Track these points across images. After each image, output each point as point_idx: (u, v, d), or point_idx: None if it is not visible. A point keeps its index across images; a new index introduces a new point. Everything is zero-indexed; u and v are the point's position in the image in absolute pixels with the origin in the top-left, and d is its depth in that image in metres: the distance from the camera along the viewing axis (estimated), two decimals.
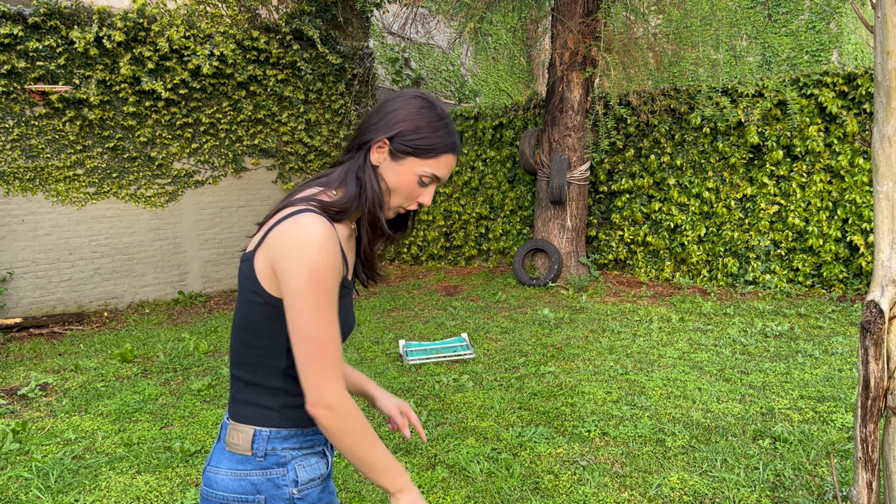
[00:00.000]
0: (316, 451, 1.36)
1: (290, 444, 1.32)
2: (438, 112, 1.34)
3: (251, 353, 1.32)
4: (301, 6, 8.88)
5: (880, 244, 1.93)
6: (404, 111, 1.32)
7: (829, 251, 6.85)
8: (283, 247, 1.21)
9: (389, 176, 1.32)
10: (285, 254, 1.20)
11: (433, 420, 3.90)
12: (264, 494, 1.29)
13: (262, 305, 1.28)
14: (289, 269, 1.20)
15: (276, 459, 1.30)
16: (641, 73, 7.73)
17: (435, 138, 1.31)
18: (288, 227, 1.22)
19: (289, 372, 1.31)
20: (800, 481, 3.00)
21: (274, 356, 1.30)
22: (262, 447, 1.30)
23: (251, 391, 1.33)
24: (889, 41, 1.87)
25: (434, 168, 1.32)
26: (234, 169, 8.73)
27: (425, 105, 1.33)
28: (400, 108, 1.32)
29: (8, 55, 6.73)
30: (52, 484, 3.25)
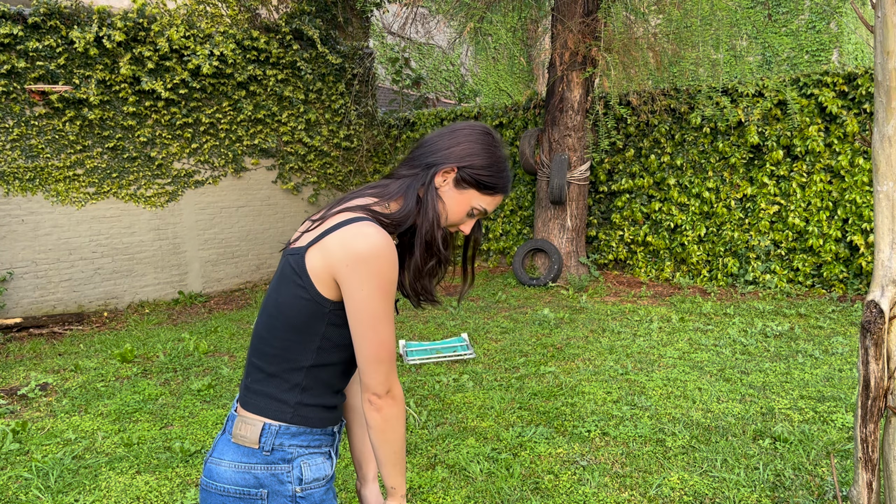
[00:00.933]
0: (323, 452, 1.37)
1: (299, 441, 1.32)
2: (503, 153, 1.44)
3: (279, 345, 1.33)
4: (301, 6, 8.88)
5: (880, 244, 1.93)
6: (478, 145, 1.40)
7: (830, 251, 6.85)
8: (350, 254, 1.25)
9: (448, 201, 1.40)
10: (353, 262, 1.25)
11: (433, 420, 3.90)
12: (267, 489, 1.29)
13: (308, 302, 1.29)
14: (357, 277, 1.25)
15: (282, 455, 1.30)
16: (641, 73, 7.73)
17: (498, 178, 1.41)
18: (353, 235, 1.26)
19: (311, 370, 1.33)
20: (800, 481, 3.00)
21: (302, 352, 1.32)
22: (270, 441, 1.30)
23: (269, 383, 1.34)
24: (889, 41, 1.87)
25: (488, 204, 1.42)
26: (234, 169, 8.73)
27: (495, 144, 1.43)
28: (473, 141, 1.40)
29: (8, 55, 6.73)
30: (52, 484, 3.25)
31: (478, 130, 1.42)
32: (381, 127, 10.28)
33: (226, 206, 8.74)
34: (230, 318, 7.07)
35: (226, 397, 4.44)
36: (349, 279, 1.25)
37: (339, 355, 1.35)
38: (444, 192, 1.39)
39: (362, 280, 1.24)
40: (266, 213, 9.18)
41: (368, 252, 1.24)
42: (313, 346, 1.31)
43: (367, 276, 1.24)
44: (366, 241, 1.24)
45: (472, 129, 1.42)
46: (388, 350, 1.29)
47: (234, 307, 7.85)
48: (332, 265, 1.26)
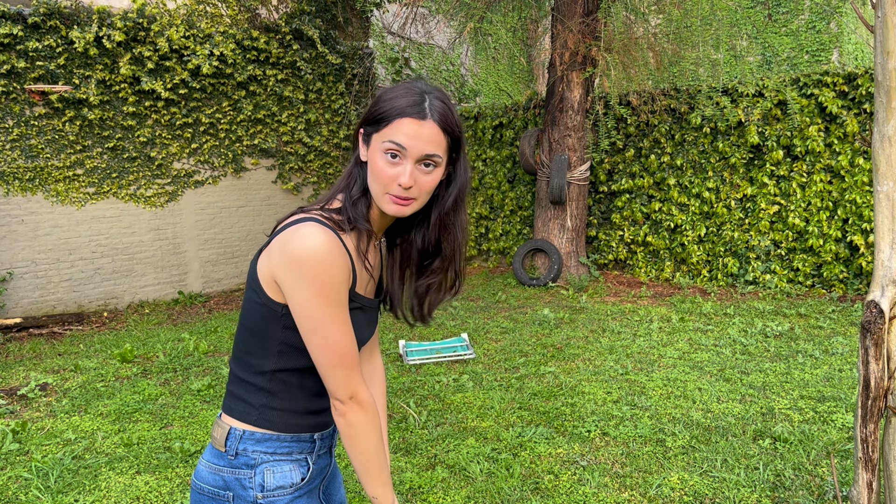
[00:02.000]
0: (294, 459, 1.34)
1: (263, 447, 1.31)
2: (403, 84, 1.26)
3: (243, 349, 1.33)
4: (301, 6, 8.88)
5: (880, 244, 1.93)
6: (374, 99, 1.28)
7: (830, 251, 6.85)
8: (284, 257, 1.19)
9: (369, 166, 1.25)
10: (287, 265, 1.19)
11: (433, 420, 3.90)
12: (232, 492, 1.30)
13: (260, 305, 1.28)
14: (293, 282, 1.19)
15: (245, 460, 1.30)
16: (641, 73, 7.73)
17: (387, 104, 1.22)
18: (288, 237, 1.20)
19: (275, 374, 1.31)
20: (800, 481, 3.00)
21: (262, 356, 1.31)
22: (234, 446, 1.30)
23: (239, 385, 1.34)
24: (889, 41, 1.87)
25: (391, 135, 1.20)
26: (234, 169, 8.73)
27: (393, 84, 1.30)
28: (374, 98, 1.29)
29: (8, 55, 6.73)
30: (52, 484, 3.25)
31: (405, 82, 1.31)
32: None
33: (226, 206, 8.74)
34: (230, 318, 7.07)
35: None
36: (287, 283, 1.20)
37: (304, 360, 1.31)
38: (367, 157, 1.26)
39: (297, 284, 1.18)
40: (266, 213, 9.18)
41: (303, 253, 1.17)
42: (273, 350, 1.29)
43: (304, 280, 1.17)
44: (301, 242, 1.17)
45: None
46: (340, 354, 1.22)
47: (233, 307, 7.84)
48: (273, 268, 1.22)
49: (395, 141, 1.21)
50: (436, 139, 1.23)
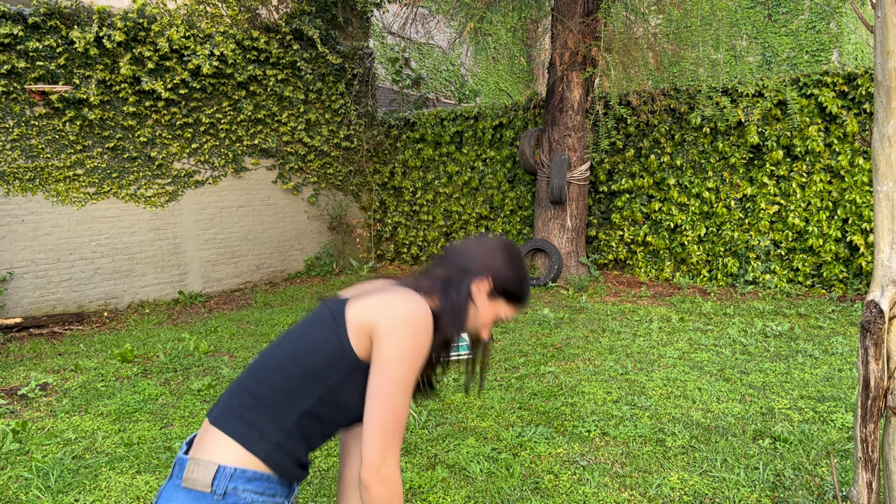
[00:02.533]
0: (278, 498, 1.34)
1: (253, 486, 1.29)
2: (526, 268, 1.60)
3: (283, 381, 1.33)
4: (301, 6, 8.88)
5: (880, 244, 1.93)
6: (508, 259, 1.53)
7: (829, 251, 6.85)
8: (395, 312, 1.31)
9: (480, 308, 1.50)
10: (396, 320, 1.29)
11: (433, 420, 3.90)
12: None
13: (335, 348, 1.31)
14: (396, 335, 1.28)
15: (234, 499, 1.26)
16: (641, 73, 7.73)
17: (524, 290, 1.55)
18: (402, 299, 1.33)
19: (303, 417, 1.32)
20: (800, 481, 3.00)
21: (303, 395, 1.32)
22: (224, 485, 1.26)
23: (259, 411, 1.32)
24: (889, 41, 1.87)
25: (511, 314, 1.55)
26: (235, 169, 8.73)
27: (520, 258, 1.59)
28: (505, 255, 1.53)
29: (8, 55, 6.73)
30: (52, 484, 3.25)
31: (505, 244, 1.56)
32: (381, 127, 10.29)
33: (226, 206, 8.74)
34: (230, 318, 7.08)
35: None
36: (387, 336, 1.28)
37: (332, 413, 1.34)
38: (478, 299, 1.49)
39: (400, 339, 1.28)
40: (266, 213, 9.18)
41: (414, 316, 1.30)
42: (316, 393, 1.31)
43: (405, 337, 1.28)
44: (413, 306, 1.32)
45: (499, 243, 1.56)
46: (394, 421, 1.27)
47: (234, 307, 7.85)
48: (373, 320, 1.31)
49: (509, 318, 1.59)
50: None
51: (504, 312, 1.54)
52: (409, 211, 10.21)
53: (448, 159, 9.75)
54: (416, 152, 10.01)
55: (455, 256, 1.53)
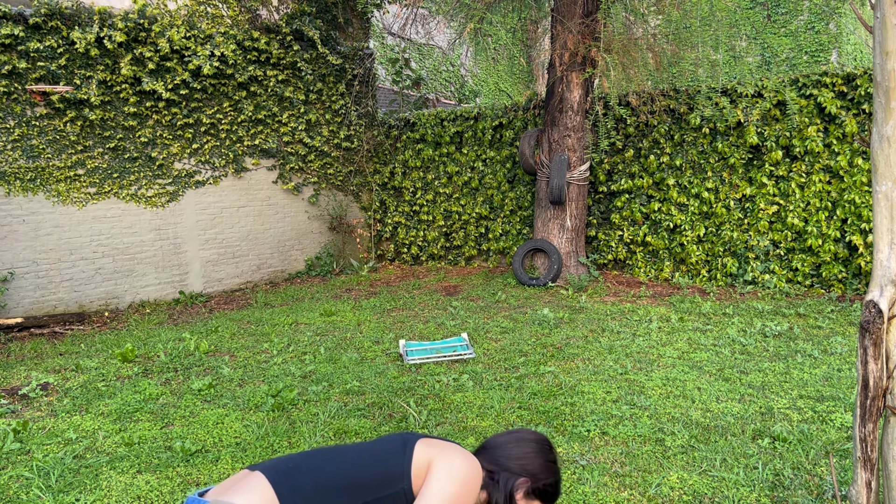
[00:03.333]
0: None
1: None
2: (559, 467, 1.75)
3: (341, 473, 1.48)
4: (301, 7, 8.89)
5: (879, 244, 1.94)
6: (548, 462, 1.69)
7: (829, 251, 6.86)
8: (458, 459, 1.50)
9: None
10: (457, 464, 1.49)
11: (433, 420, 3.91)
12: None
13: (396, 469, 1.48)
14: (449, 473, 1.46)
15: None
16: (641, 74, 7.74)
17: (558, 491, 1.71)
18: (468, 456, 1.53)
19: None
20: (799, 481, 3.01)
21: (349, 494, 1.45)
22: None
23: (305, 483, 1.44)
24: (888, 41, 1.88)
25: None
26: (235, 169, 8.74)
27: (556, 458, 1.74)
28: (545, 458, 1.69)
29: (9, 56, 6.74)
30: (53, 483, 3.26)
31: (545, 444, 1.72)
32: (381, 127, 10.29)
33: (226, 207, 8.75)
34: (231, 318, 7.08)
35: (226, 397, 4.45)
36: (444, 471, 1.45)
37: None
38: (517, 498, 1.64)
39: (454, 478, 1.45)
40: (267, 213, 9.19)
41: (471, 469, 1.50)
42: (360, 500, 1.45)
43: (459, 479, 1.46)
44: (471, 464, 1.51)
45: (539, 442, 1.72)
46: None
47: (234, 307, 7.85)
48: (436, 457, 1.49)
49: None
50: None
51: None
52: (410, 211, 10.22)
53: (448, 159, 9.75)
54: (417, 153, 10.02)
55: (499, 450, 1.70)
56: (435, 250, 9.97)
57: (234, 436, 3.78)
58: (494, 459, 1.69)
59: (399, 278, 9.16)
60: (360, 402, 4.27)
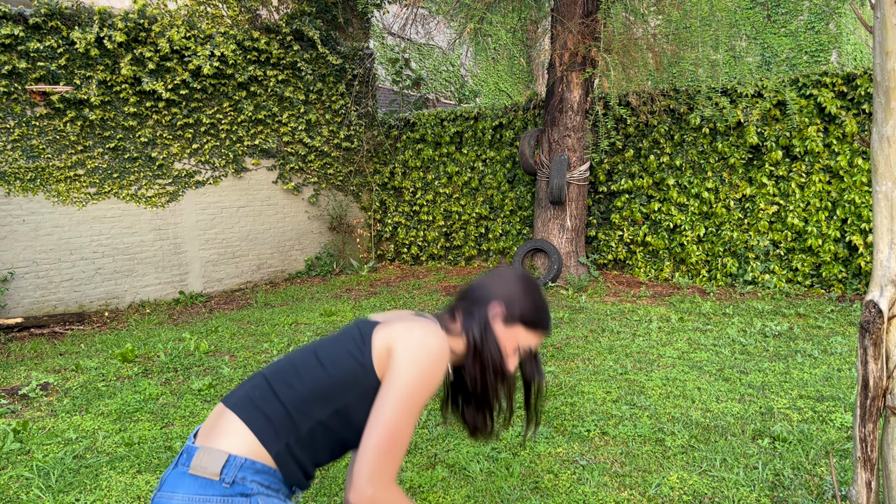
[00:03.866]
0: (280, 498, 1.36)
1: (260, 479, 1.31)
2: (544, 295, 1.59)
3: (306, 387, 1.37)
4: (301, 7, 8.89)
5: (879, 244, 1.94)
6: (521, 287, 1.54)
7: (828, 251, 6.86)
8: (415, 339, 1.36)
9: (498, 336, 1.51)
10: (413, 345, 1.35)
11: (433, 419, 3.91)
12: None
13: (357, 366, 1.38)
14: (407, 359, 1.33)
15: (241, 489, 1.28)
16: (641, 74, 7.74)
17: (541, 315, 1.54)
18: (425, 328, 1.38)
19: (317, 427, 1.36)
20: (799, 481, 3.01)
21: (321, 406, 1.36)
22: (232, 474, 1.28)
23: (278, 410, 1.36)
24: (888, 41, 1.88)
25: (533, 341, 1.54)
26: (235, 169, 8.74)
27: (536, 286, 1.59)
28: (516, 284, 1.54)
29: (9, 56, 6.74)
30: (53, 483, 3.26)
31: (519, 274, 1.58)
32: (381, 127, 10.29)
33: (226, 207, 8.75)
34: (231, 318, 7.08)
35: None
36: (402, 359, 1.33)
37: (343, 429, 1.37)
38: (495, 327, 1.51)
39: (410, 362, 1.32)
40: (267, 213, 9.19)
41: (431, 345, 1.35)
42: (332, 406, 1.36)
43: (419, 362, 1.32)
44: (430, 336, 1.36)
45: (513, 273, 1.59)
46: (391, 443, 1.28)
47: (234, 307, 7.86)
48: (394, 341, 1.36)
49: (532, 348, 1.57)
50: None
51: (525, 340, 1.53)
52: (409, 211, 10.22)
53: (448, 160, 9.76)
54: (417, 153, 10.02)
55: (472, 290, 1.58)
56: (435, 250, 9.97)
57: None
58: (468, 297, 1.57)
59: (399, 278, 9.16)
60: None
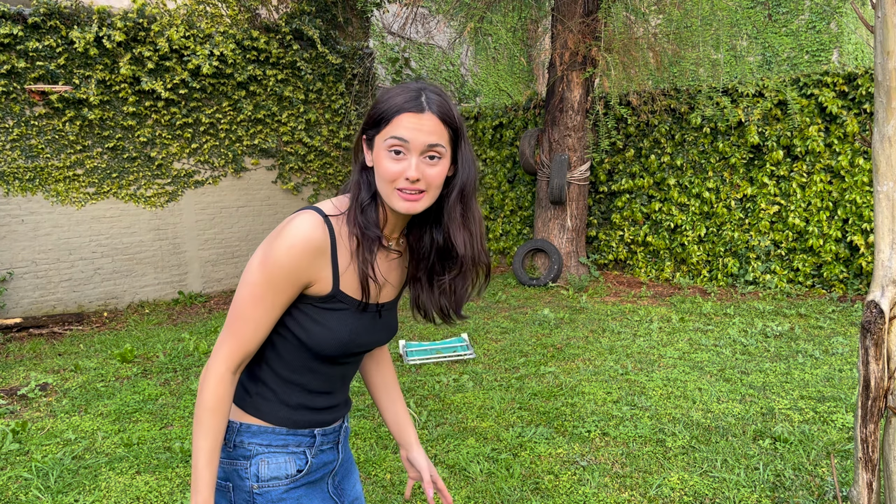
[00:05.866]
0: (290, 452, 1.35)
1: (259, 440, 1.33)
2: (399, 85, 1.27)
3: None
4: (301, 6, 8.88)
5: (880, 244, 1.93)
6: (372, 103, 1.29)
7: (830, 251, 6.85)
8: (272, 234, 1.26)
9: (375, 167, 1.26)
10: (265, 240, 1.26)
11: (433, 420, 3.90)
12: (231, 482, 1.33)
13: None
14: (258, 250, 1.25)
15: (242, 452, 1.33)
16: (641, 73, 7.73)
17: (384, 104, 1.24)
18: (283, 224, 1.25)
19: (268, 363, 1.33)
20: (800, 481, 3.00)
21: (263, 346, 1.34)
22: (232, 438, 1.34)
23: (244, 373, 1.37)
24: (889, 41, 1.87)
25: (393, 132, 1.21)
26: (234, 169, 8.73)
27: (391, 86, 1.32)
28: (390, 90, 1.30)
29: (8, 55, 6.73)
30: (52, 484, 3.25)
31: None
32: None
33: (226, 206, 8.74)
34: None
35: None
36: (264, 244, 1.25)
37: (295, 354, 1.31)
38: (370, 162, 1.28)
39: (259, 251, 1.23)
40: (266, 213, 9.18)
41: (280, 229, 1.22)
42: (268, 339, 1.32)
43: (263, 249, 1.22)
44: (286, 226, 1.22)
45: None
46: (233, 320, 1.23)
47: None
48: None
49: (398, 136, 1.21)
50: (437, 130, 1.23)
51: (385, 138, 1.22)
52: None
53: None
54: None
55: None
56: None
57: None
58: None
59: None
60: (359, 402, 4.26)
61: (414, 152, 1.22)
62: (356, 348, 1.34)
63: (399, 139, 1.21)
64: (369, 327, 1.36)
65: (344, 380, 1.43)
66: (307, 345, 1.29)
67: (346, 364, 1.40)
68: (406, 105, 1.22)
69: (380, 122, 1.24)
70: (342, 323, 1.30)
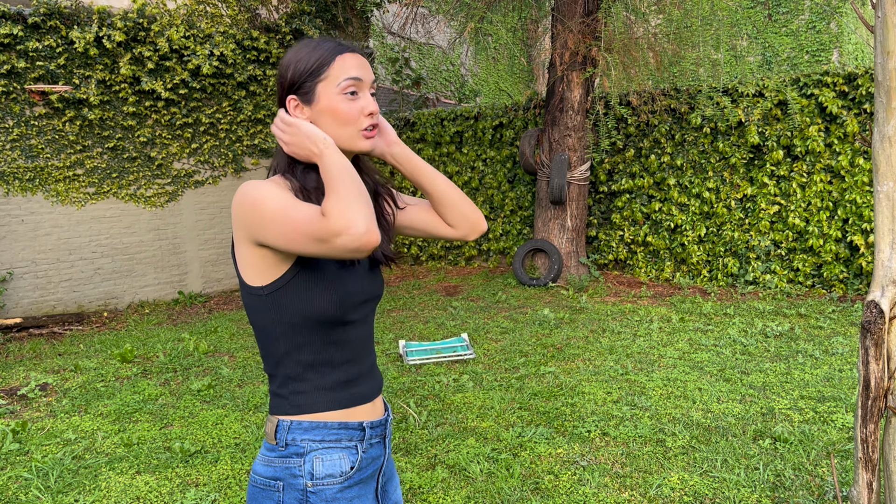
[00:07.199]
0: (343, 447, 1.34)
1: (311, 435, 1.32)
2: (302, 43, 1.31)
3: (260, 347, 1.38)
4: (301, 6, 8.88)
5: (880, 244, 1.93)
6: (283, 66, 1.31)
7: (830, 251, 6.85)
8: (233, 207, 1.25)
9: (322, 119, 1.29)
10: (235, 206, 1.24)
11: (433, 420, 3.90)
12: (283, 482, 1.32)
13: (246, 295, 1.32)
14: (237, 212, 1.23)
15: (295, 450, 1.32)
16: (642, 73, 7.72)
17: (312, 55, 1.26)
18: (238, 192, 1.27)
19: (288, 357, 1.33)
20: (800, 481, 3.00)
21: (270, 344, 1.33)
22: (284, 437, 1.33)
23: (271, 382, 1.38)
24: (889, 41, 1.87)
25: (344, 73, 1.24)
26: (234, 169, 8.73)
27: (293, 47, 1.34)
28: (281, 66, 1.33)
29: (8, 55, 6.73)
30: (52, 484, 3.25)
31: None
32: None
33: (226, 206, 8.74)
34: (230, 319, 7.07)
35: (225, 397, 4.44)
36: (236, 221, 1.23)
37: (307, 336, 1.31)
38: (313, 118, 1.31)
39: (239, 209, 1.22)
40: None
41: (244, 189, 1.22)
42: (273, 334, 1.32)
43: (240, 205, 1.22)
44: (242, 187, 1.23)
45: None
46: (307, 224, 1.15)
47: (234, 307, 7.84)
48: (234, 229, 1.26)
49: (353, 76, 1.24)
50: (369, 66, 1.31)
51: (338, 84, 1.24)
52: None
53: (448, 159, 9.74)
54: (417, 152, 10.01)
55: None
56: (435, 250, 9.95)
57: (233, 436, 3.77)
58: None
59: (399, 278, 9.15)
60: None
61: (366, 89, 1.27)
62: (353, 297, 1.34)
63: (355, 79, 1.24)
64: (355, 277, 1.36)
65: (364, 344, 1.42)
66: (312, 316, 1.29)
67: (357, 322, 1.38)
68: (339, 48, 1.26)
69: (317, 71, 1.25)
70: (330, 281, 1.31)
